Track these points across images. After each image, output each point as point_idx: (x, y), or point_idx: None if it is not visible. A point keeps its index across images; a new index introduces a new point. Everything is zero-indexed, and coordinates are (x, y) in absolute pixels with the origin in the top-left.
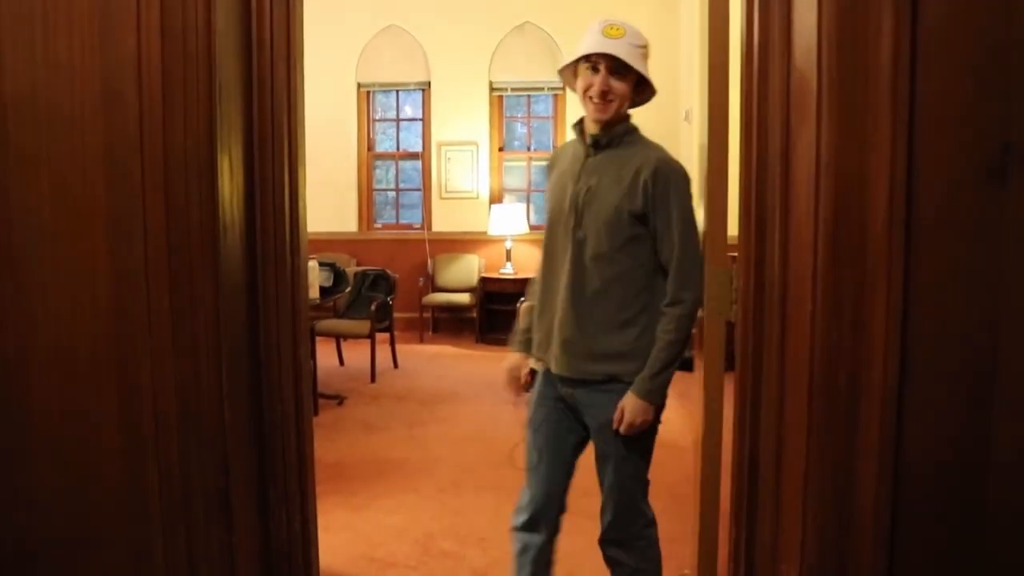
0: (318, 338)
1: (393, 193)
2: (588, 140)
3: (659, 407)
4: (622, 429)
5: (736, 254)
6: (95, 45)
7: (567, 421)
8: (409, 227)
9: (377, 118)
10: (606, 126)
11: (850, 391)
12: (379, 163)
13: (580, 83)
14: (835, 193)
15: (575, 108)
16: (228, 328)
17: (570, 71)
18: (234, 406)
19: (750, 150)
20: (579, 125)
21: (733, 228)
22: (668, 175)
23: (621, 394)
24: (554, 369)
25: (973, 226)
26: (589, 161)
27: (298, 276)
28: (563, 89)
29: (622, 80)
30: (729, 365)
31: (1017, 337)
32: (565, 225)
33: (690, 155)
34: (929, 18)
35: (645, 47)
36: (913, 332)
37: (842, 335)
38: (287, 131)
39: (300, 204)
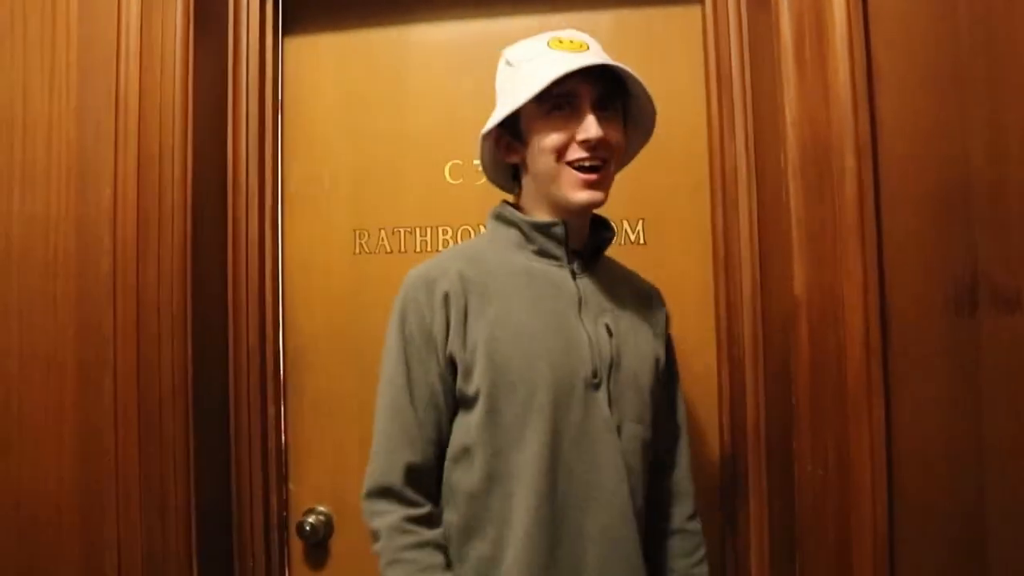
0: None
1: None
2: (568, 246)
3: None
4: None
5: None
6: (71, 198)
7: None
8: None
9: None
10: (594, 220)
11: (839, 531)
12: None
13: (546, 141)
14: (810, 328)
15: None
16: (200, 478)
17: (494, 137)
18: (204, 564)
19: (718, 286)
20: (516, 218)
21: None
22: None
23: None
24: None
25: (950, 357)
26: (580, 284)
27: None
28: None
29: (615, 123)
30: None
31: (1003, 469)
32: (585, 400)
33: None
34: (889, 156)
35: None
36: (898, 468)
37: (827, 473)
38: (269, 275)
39: (275, 349)
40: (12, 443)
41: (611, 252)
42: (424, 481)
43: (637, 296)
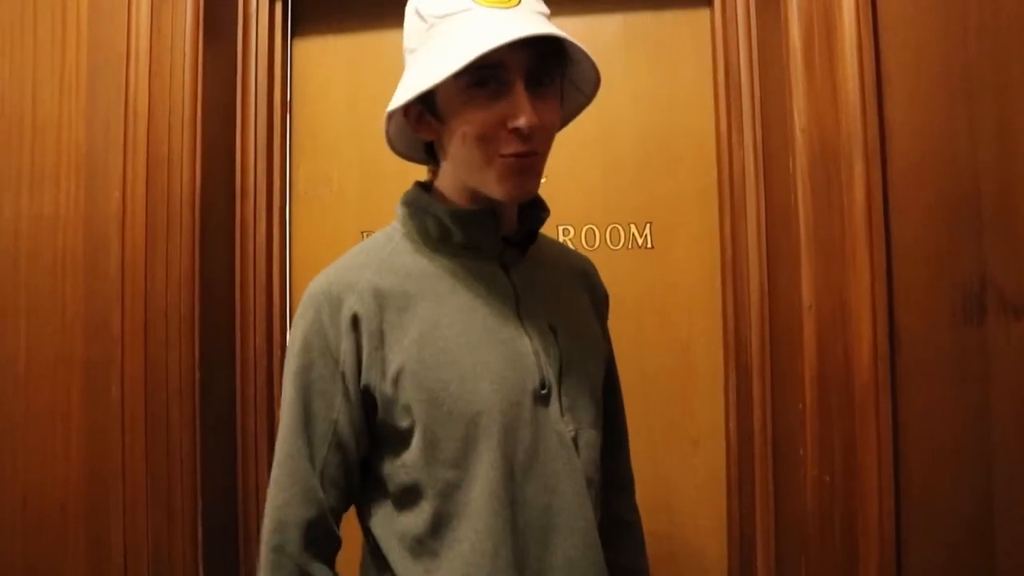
0: None
1: None
2: (498, 235)
3: None
4: None
5: None
6: (80, 199)
7: None
8: None
9: None
10: (530, 206)
11: (846, 537)
12: None
13: (469, 127)
14: (817, 333)
15: None
16: (206, 480)
17: (401, 112)
18: (210, 567)
19: (725, 291)
20: (433, 208)
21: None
22: None
23: None
24: None
25: (957, 364)
26: (514, 278)
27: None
28: None
29: (551, 100)
30: None
31: (1010, 476)
32: (534, 417)
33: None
34: (899, 159)
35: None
36: (905, 472)
37: (834, 478)
38: (277, 277)
39: (283, 351)
40: (18, 443)
41: (619, 257)
42: (324, 536)
43: (575, 276)
